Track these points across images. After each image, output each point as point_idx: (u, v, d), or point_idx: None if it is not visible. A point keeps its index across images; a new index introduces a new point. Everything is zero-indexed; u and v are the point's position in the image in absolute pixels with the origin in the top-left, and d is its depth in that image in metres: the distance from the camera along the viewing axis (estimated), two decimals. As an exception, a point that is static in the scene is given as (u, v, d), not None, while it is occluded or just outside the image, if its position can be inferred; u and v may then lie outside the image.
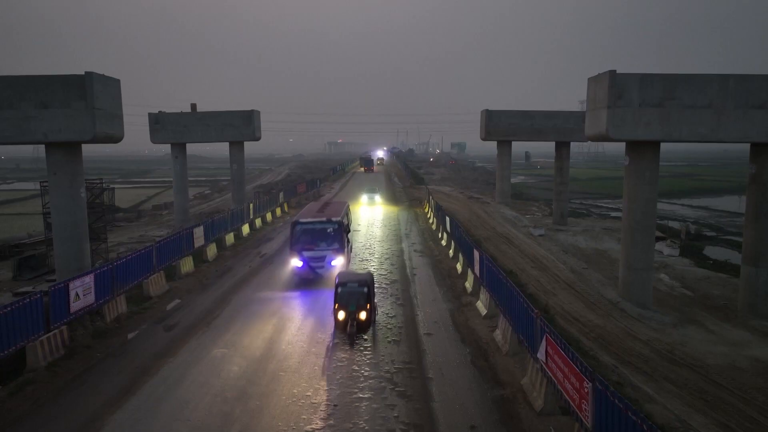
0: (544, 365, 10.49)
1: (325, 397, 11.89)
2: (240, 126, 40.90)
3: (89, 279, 15.12)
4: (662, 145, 20.06)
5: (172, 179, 44.03)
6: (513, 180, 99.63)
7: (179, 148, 41.40)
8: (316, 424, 10.75)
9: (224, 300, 19.25)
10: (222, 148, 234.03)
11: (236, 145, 42.66)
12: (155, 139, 40.66)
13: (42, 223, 38.80)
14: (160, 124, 40.35)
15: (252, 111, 41.27)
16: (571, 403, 9.04)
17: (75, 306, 14.33)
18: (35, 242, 31.03)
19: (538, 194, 77.07)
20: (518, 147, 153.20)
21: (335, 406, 11.42)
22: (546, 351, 10.24)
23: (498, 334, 14.99)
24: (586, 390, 8.26)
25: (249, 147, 47.98)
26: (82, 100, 18.52)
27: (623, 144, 20.30)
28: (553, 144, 42.68)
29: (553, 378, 10.00)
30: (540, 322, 11.02)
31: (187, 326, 16.32)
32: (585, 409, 8.32)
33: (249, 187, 64.11)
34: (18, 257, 26.49)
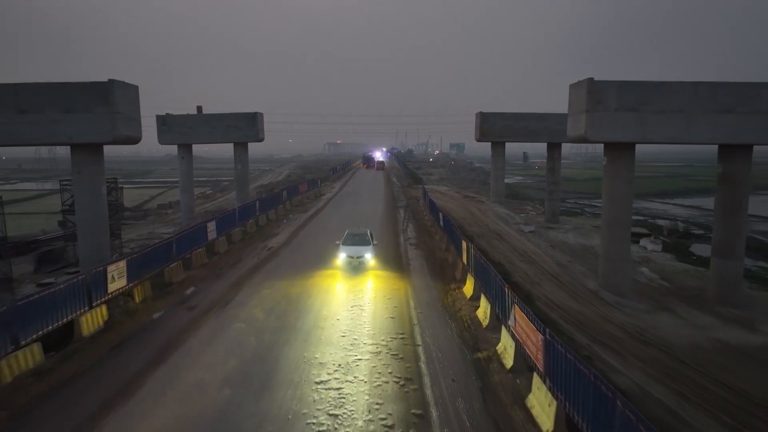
0: (513, 330, 12.24)
1: (330, 359, 13.87)
2: (244, 127, 42.43)
3: (123, 264, 16.99)
4: (661, 146, 21.66)
5: (172, 179, 45.81)
6: (511, 180, 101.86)
7: (185, 148, 42.95)
8: (324, 377, 12.74)
9: (237, 286, 20.97)
10: (221, 149, 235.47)
11: (240, 146, 44.13)
12: (162, 140, 42.22)
13: (51, 221, 40.50)
14: (167, 125, 41.91)
15: (256, 113, 42.83)
16: (531, 356, 10.78)
17: (111, 287, 16.21)
18: (50, 238, 32.65)
19: (534, 194, 78.55)
20: (518, 148, 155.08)
21: (339, 365, 13.39)
22: (515, 318, 11.98)
23: (480, 312, 16.89)
24: (540, 343, 9.98)
25: (249, 148, 49.52)
26: (104, 105, 20.12)
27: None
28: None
29: (519, 339, 11.76)
30: (510, 294, 12.83)
31: (206, 307, 18.15)
32: (539, 358, 10.06)
33: (250, 187, 65.65)
34: (38, 252, 28.08)
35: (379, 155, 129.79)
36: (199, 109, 44.36)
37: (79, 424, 10.71)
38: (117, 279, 16.51)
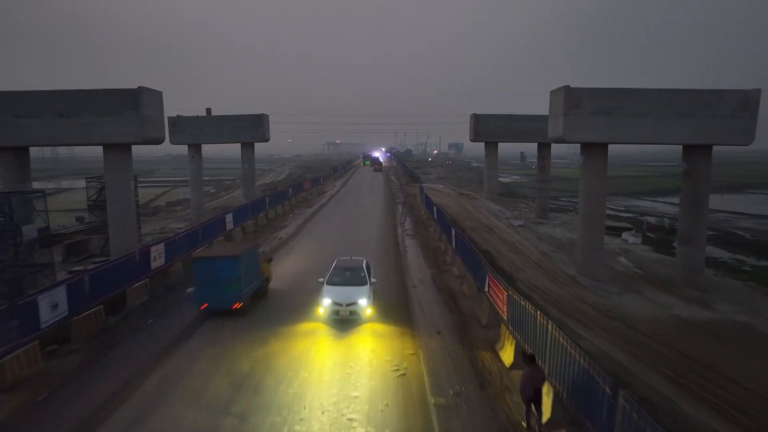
0: (488, 294, 14.81)
1: None
2: (251, 128, 44.83)
3: (162, 246, 19.54)
4: (659, 147, 24.09)
5: (175, 178, 48.13)
6: (508, 179, 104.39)
7: (195, 148, 45.31)
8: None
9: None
10: (221, 149, 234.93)
11: (247, 146, 46.49)
12: (173, 140, 44.50)
13: (62, 217, 42.90)
14: (177, 126, 44.24)
15: (261, 114, 45.25)
16: (499, 311, 13.33)
17: (153, 265, 18.77)
18: (73, 232, 35.11)
19: (529, 193, 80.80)
20: (516, 148, 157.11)
21: None
22: (488, 284, 14.52)
23: (465, 287, 19.52)
24: (505, 298, 12.54)
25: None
26: (133, 110, 22.56)
27: (617, 146, 24.52)
28: (554, 146, 46.52)
29: (492, 300, 14.34)
30: (485, 264, 15.44)
31: None
32: (504, 310, 12.65)
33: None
34: (65, 243, 30.50)
35: (377, 155, 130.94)
36: (208, 111, 46.79)
37: (142, 365, 13.47)
38: (157, 259, 19.10)
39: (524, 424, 10.13)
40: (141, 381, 12.60)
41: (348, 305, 16.11)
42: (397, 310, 17.60)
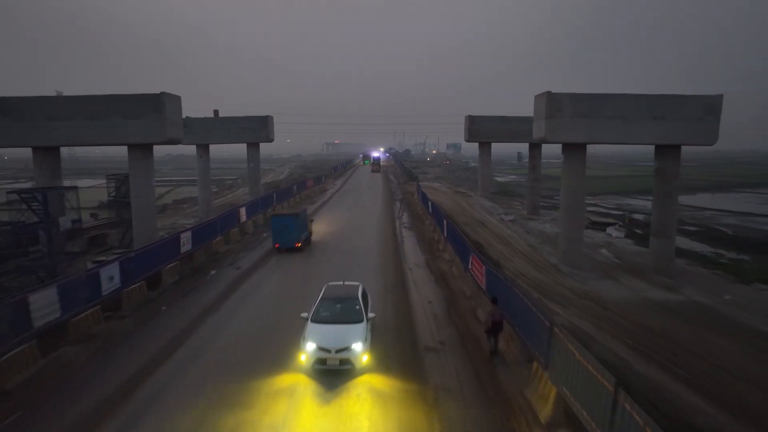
0: (471, 272, 17.26)
1: None
2: (256, 129, 47.17)
3: (189, 233, 21.92)
4: (653, 146, 26.30)
5: (177, 178, 50.30)
6: (505, 179, 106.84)
7: (203, 148, 47.62)
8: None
9: (269, 255, 26.48)
10: (220, 149, 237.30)
11: (253, 146, 48.81)
12: (183, 141, 46.84)
13: (81, 214, 45.12)
14: (186, 127, 46.39)
15: (267, 116, 47.56)
16: (478, 282, 15.78)
17: (183, 249, 21.16)
18: (90, 227, 37.40)
19: (524, 191, 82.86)
20: (513, 148, 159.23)
21: None
22: (471, 263, 16.96)
23: (454, 269, 22.01)
24: (484, 272, 14.99)
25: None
26: (156, 113, 24.87)
27: (613, 146, 26.77)
28: (552, 146, 48.88)
29: (474, 276, 16.80)
30: (469, 246, 17.94)
31: (249, 269, 23.52)
32: (483, 282, 15.12)
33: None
34: (87, 236, 32.77)
35: (377, 156, 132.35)
36: (216, 112, 49.15)
37: (186, 326, 16.30)
38: (185, 244, 21.46)
39: (488, 354, 13.10)
40: (189, 334, 15.45)
41: (338, 351, 12.21)
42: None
